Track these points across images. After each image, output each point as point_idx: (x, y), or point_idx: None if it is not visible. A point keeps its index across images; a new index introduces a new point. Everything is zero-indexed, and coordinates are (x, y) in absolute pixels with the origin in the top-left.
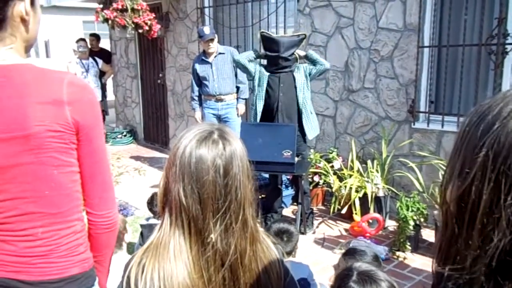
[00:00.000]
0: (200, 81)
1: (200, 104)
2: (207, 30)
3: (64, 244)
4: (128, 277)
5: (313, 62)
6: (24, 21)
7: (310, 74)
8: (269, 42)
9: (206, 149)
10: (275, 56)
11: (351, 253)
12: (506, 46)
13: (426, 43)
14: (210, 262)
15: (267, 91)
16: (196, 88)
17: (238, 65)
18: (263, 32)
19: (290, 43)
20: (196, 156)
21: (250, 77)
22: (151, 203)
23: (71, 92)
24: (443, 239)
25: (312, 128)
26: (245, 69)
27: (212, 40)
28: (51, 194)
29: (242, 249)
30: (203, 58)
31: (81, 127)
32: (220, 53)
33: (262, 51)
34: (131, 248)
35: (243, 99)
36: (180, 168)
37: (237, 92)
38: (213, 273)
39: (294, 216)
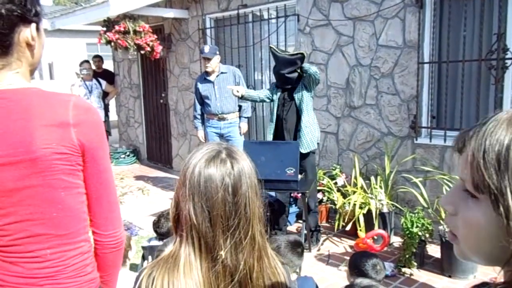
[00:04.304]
0: (202, 100)
1: (203, 123)
2: (206, 49)
3: (72, 265)
4: None
5: (306, 72)
6: (30, 46)
7: (306, 86)
8: (274, 58)
9: (214, 169)
10: (275, 72)
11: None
12: (506, 61)
13: (426, 59)
14: (220, 279)
15: (277, 107)
16: (198, 107)
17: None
18: (271, 47)
19: (285, 60)
20: (205, 175)
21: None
22: (157, 224)
23: (77, 114)
24: None
25: (304, 142)
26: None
27: (208, 59)
28: (58, 215)
29: (251, 265)
30: (205, 77)
31: (87, 149)
32: (222, 73)
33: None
34: (134, 269)
35: (245, 117)
36: (189, 188)
37: (239, 110)
38: None
39: (298, 233)
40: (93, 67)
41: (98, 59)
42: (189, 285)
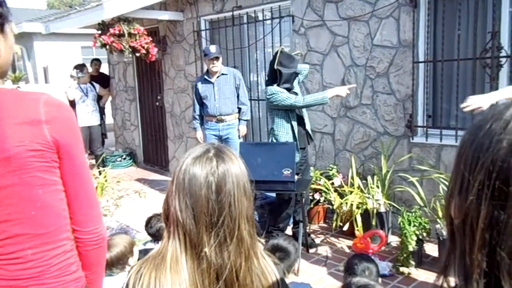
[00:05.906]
0: (201, 100)
1: (202, 124)
2: (213, 48)
3: (55, 264)
4: (127, 284)
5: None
6: None
7: (299, 82)
8: (287, 60)
9: (199, 167)
10: (290, 74)
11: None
12: (501, 59)
13: (421, 58)
14: (205, 275)
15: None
16: (197, 107)
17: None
18: (283, 48)
19: (295, 59)
20: (190, 173)
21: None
22: (148, 223)
23: (48, 111)
24: (452, 256)
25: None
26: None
27: (217, 58)
28: (37, 214)
29: (237, 264)
30: (206, 77)
31: (61, 145)
32: (222, 74)
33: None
34: None
35: (245, 120)
36: (176, 184)
37: (238, 112)
38: (208, 286)
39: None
40: (90, 69)
41: (97, 62)
42: (175, 281)
